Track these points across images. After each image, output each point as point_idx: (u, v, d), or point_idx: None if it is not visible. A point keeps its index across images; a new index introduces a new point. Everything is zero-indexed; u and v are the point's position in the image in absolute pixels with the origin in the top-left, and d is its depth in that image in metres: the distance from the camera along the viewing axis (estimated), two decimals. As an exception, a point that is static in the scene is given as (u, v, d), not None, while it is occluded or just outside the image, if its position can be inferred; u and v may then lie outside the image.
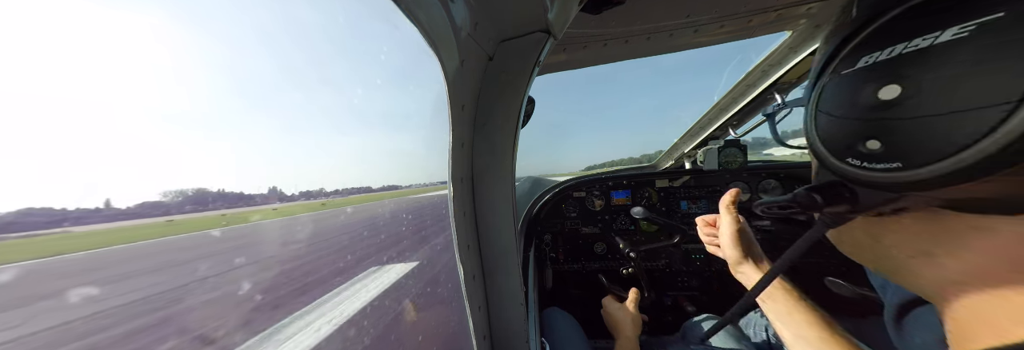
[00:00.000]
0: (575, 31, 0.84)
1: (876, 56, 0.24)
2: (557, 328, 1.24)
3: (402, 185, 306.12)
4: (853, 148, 0.25)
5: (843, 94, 0.26)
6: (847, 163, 0.26)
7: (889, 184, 0.24)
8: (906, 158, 0.22)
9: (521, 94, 0.71)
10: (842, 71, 0.26)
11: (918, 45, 0.22)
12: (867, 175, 0.25)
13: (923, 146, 0.22)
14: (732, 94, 1.55)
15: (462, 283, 0.75)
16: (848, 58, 0.26)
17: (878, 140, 0.24)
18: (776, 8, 0.87)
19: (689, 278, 1.91)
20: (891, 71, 0.23)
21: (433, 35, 0.52)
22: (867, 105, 0.24)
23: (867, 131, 0.24)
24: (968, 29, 0.20)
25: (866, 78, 0.24)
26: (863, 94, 0.24)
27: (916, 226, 0.27)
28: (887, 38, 0.24)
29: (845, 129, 0.26)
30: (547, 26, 0.64)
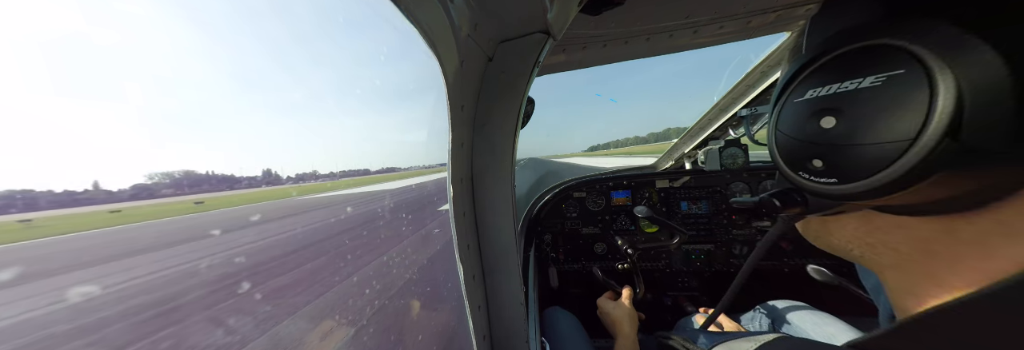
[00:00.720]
0: (575, 32, 0.85)
1: (818, 91, 0.30)
2: (558, 328, 1.24)
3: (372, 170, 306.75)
4: (803, 164, 0.31)
5: (794, 119, 0.32)
6: (799, 175, 0.32)
7: (829, 194, 0.30)
8: (840, 175, 0.28)
9: (520, 95, 0.71)
10: (794, 99, 0.32)
11: (847, 87, 0.27)
12: (813, 186, 0.31)
13: (851, 168, 0.27)
14: (732, 94, 1.55)
15: (462, 283, 0.75)
16: (799, 88, 0.32)
17: (820, 160, 0.30)
18: (775, 9, 0.88)
19: (689, 278, 1.91)
20: (829, 105, 0.29)
21: (432, 36, 0.53)
22: (812, 131, 0.30)
23: (812, 152, 0.30)
24: (880, 79, 0.25)
25: (811, 108, 0.30)
26: (809, 121, 0.30)
27: (855, 223, 0.34)
28: (826, 76, 0.29)
29: (797, 148, 0.32)
30: (547, 27, 0.64)
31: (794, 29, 1.06)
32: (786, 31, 1.08)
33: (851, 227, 0.35)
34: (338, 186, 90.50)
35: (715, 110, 1.67)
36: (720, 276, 1.84)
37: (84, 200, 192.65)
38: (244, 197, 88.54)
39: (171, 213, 51.35)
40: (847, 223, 0.35)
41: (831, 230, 0.37)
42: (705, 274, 1.87)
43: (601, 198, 1.91)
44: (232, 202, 69.53)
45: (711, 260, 1.80)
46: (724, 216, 1.79)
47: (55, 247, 27.92)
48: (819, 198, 0.34)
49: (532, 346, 0.85)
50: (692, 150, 1.95)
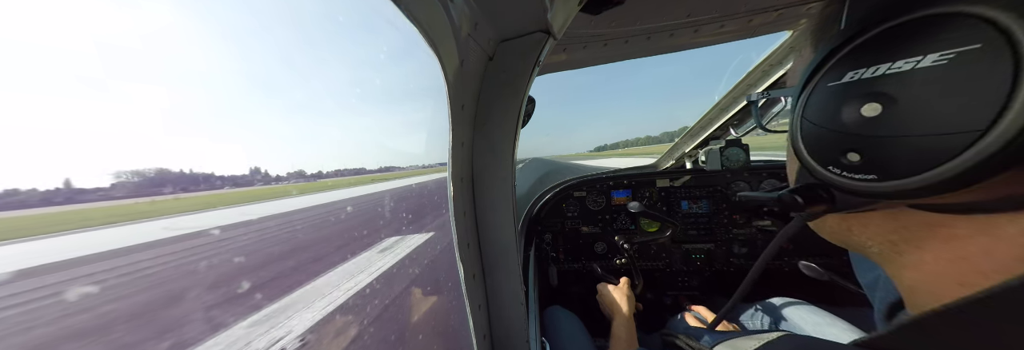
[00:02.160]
0: (575, 31, 0.85)
1: (861, 73, 0.25)
2: (559, 327, 1.24)
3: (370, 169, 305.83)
4: (834, 157, 0.28)
5: (828, 106, 0.28)
6: (829, 170, 0.28)
7: (866, 192, 0.27)
8: (881, 171, 0.25)
9: (521, 94, 0.71)
10: (828, 83, 0.28)
11: (900, 68, 0.23)
12: (846, 183, 0.27)
13: (896, 163, 0.24)
14: (733, 94, 1.55)
15: (462, 282, 0.75)
16: (834, 70, 0.28)
17: (858, 153, 0.26)
18: (776, 8, 0.87)
19: (689, 278, 1.91)
20: (874, 90, 0.25)
21: (433, 35, 0.53)
22: (850, 120, 0.26)
23: (848, 144, 0.26)
24: (947, 57, 0.21)
25: (850, 93, 0.26)
26: (847, 109, 0.26)
27: (881, 221, 0.31)
28: (872, 56, 0.25)
29: (828, 140, 0.28)
30: (547, 26, 0.64)
31: (796, 28, 1.05)
32: (788, 30, 1.08)
33: (875, 224, 0.32)
34: (339, 185, 77.44)
35: (716, 109, 1.67)
36: (720, 275, 1.84)
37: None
38: (223, 197, 79.88)
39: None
40: (871, 220, 0.32)
41: (851, 227, 0.34)
42: (705, 273, 1.87)
43: (601, 197, 1.91)
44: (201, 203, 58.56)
45: (711, 259, 1.80)
46: (724, 215, 1.79)
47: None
48: (850, 195, 0.30)
49: (532, 346, 0.85)
50: (693, 149, 1.95)
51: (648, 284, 1.95)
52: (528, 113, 0.78)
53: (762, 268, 0.60)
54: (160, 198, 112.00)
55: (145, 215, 43.03)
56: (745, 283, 0.66)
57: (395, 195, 27.96)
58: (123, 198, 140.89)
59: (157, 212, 47.63)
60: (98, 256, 14.11)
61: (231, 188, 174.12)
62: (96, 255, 14.39)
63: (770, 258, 0.57)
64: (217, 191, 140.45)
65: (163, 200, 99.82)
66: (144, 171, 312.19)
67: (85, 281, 10.03)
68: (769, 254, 0.56)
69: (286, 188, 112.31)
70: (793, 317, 1.13)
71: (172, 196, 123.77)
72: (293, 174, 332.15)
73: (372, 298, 4.25)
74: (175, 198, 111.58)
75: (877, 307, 0.46)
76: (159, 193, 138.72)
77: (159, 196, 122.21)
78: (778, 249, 0.53)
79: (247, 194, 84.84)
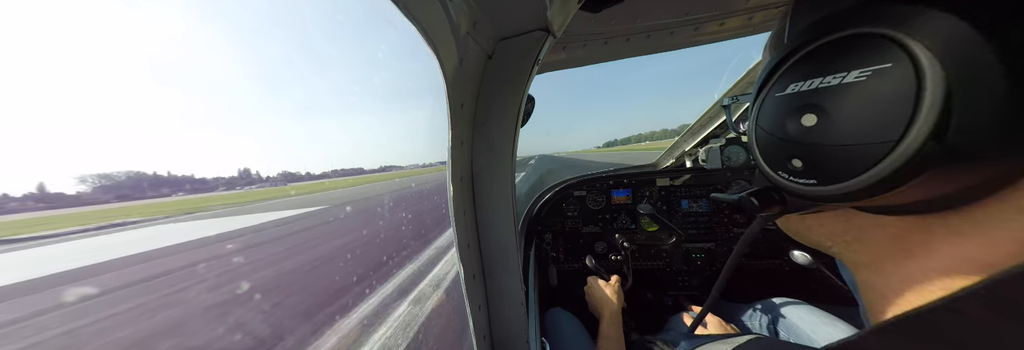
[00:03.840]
0: (575, 29, 0.84)
1: (800, 85, 0.28)
2: (561, 329, 1.24)
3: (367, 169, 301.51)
4: (782, 163, 0.30)
5: (775, 115, 0.30)
6: (779, 175, 0.31)
7: (808, 196, 0.29)
8: (820, 176, 0.27)
9: (521, 93, 0.70)
10: (775, 93, 0.30)
11: (830, 82, 0.25)
12: (792, 187, 0.30)
13: (831, 169, 0.26)
14: (733, 92, 1.54)
15: (462, 282, 0.75)
16: (780, 81, 0.30)
17: (800, 159, 0.28)
18: (777, 5, 0.87)
19: (689, 278, 1.91)
20: (810, 101, 0.27)
21: (432, 34, 0.52)
22: (792, 129, 0.28)
23: (792, 151, 0.29)
24: (866, 74, 0.24)
25: (792, 104, 0.28)
26: (790, 118, 0.28)
27: (833, 221, 0.34)
28: (809, 69, 0.27)
29: (776, 146, 0.30)
30: (546, 25, 0.64)
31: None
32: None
33: (829, 224, 0.35)
34: (338, 185, 76.16)
35: (716, 107, 1.66)
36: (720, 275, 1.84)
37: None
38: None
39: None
40: (826, 220, 0.35)
41: (810, 226, 0.37)
42: (706, 273, 1.87)
43: (601, 197, 1.91)
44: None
45: (712, 259, 1.79)
46: (725, 214, 1.78)
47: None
48: (797, 198, 0.32)
49: (532, 346, 0.84)
50: (693, 148, 1.94)
51: (648, 284, 1.95)
52: (528, 112, 0.78)
53: (733, 267, 0.63)
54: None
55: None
56: (719, 281, 0.69)
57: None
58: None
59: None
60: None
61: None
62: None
63: (739, 257, 0.60)
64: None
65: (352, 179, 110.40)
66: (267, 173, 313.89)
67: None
68: (736, 256, 0.58)
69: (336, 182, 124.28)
70: (791, 317, 1.13)
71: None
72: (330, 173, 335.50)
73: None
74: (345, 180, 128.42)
75: (861, 305, 0.47)
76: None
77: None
78: (744, 250, 0.56)
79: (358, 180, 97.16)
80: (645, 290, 1.95)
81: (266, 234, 14.54)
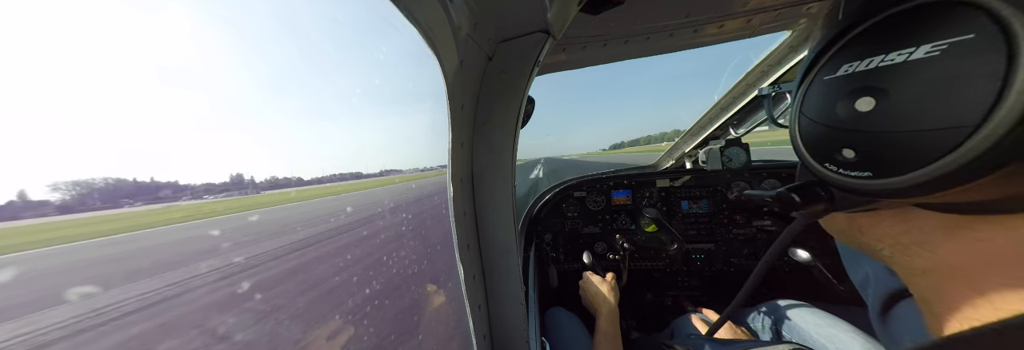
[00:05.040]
0: (575, 31, 0.84)
1: (855, 66, 0.25)
2: (561, 328, 1.24)
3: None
4: (830, 154, 0.27)
5: (824, 101, 0.27)
6: (825, 167, 0.27)
7: (862, 190, 0.26)
8: (876, 168, 0.24)
9: (521, 94, 0.71)
10: (824, 77, 0.27)
11: (893, 60, 0.22)
12: (842, 180, 0.26)
13: (891, 159, 0.23)
14: (733, 93, 1.54)
15: (462, 283, 0.75)
16: (831, 63, 0.27)
17: (853, 149, 0.25)
18: (776, 8, 0.87)
19: (689, 278, 1.91)
20: (868, 83, 0.24)
21: (432, 35, 0.53)
22: (844, 115, 0.25)
23: (843, 140, 0.25)
24: (940, 48, 0.20)
25: (845, 87, 0.25)
26: (842, 103, 0.25)
27: (890, 221, 0.29)
28: (867, 48, 0.24)
29: (824, 136, 0.27)
30: (546, 26, 0.64)
31: (796, 27, 1.05)
32: (787, 30, 1.08)
33: (885, 225, 0.30)
34: (336, 190, 69.67)
35: (716, 109, 1.67)
36: (721, 276, 1.83)
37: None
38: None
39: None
40: (881, 220, 0.30)
41: (861, 227, 0.32)
42: (705, 273, 1.87)
43: (601, 197, 1.91)
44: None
45: (711, 260, 1.80)
46: (725, 215, 1.78)
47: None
48: (848, 194, 0.28)
49: (532, 346, 0.85)
50: (693, 149, 1.95)
51: (648, 284, 1.95)
52: (528, 113, 0.78)
53: (766, 270, 0.58)
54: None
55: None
56: (747, 286, 0.64)
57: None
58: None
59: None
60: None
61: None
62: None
63: (774, 260, 0.55)
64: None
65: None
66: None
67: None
68: (773, 255, 0.54)
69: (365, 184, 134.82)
70: (795, 318, 1.13)
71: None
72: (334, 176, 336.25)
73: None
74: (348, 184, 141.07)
75: (871, 304, 0.45)
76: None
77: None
78: (783, 250, 0.51)
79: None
80: (645, 290, 1.96)
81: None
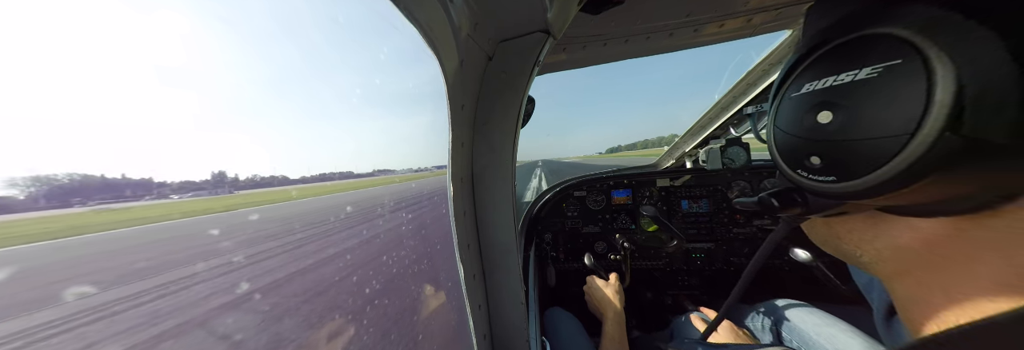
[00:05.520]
0: (575, 31, 0.84)
1: (815, 84, 0.29)
2: (560, 328, 1.24)
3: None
4: (801, 161, 0.30)
5: (792, 114, 0.31)
6: (798, 174, 0.31)
7: (829, 193, 0.29)
8: (838, 173, 0.27)
9: (521, 94, 0.71)
10: (792, 93, 0.31)
11: (843, 79, 0.26)
12: (812, 185, 0.30)
13: (848, 165, 0.26)
14: (733, 93, 1.54)
15: (462, 282, 0.75)
16: (796, 82, 0.31)
17: (818, 157, 0.28)
18: (776, 7, 0.87)
19: (689, 277, 1.91)
20: (825, 99, 0.27)
21: (432, 35, 0.53)
22: (809, 126, 0.29)
23: (810, 148, 0.29)
24: (877, 70, 0.24)
25: (808, 102, 0.29)
26: (806, 117, 0.29)
27: (861, 224, 0.33)
28: (822, 69, 0.28)
29: (794, 145, 0.31)
30: (546, 26, 0.64)
31: (796, 27, 1.05)
32: (788, 29, 1.08)
33: (858, 230, 0.33)
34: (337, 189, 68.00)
35: (716, 108, 1.66)
36: (721, 275, 1.84)
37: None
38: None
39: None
40: (854, 226, 0.33)
41: (838, 233, 0.35)
42: (705, 273, 1.87)
43: (601, 197, 1.91)
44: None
45: (711, 259, 1.80)
46: (725, 215, 1.78)
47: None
48: (819, 198, 0.32)
49: (532, 346, 0.85)
50: (693, 149, 1.94)
51: (648, 283, 1.95)
52: (528, 113, 0.78)
53: (754, 273, 0.59)
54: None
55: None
56: (736, 290, 0.64)
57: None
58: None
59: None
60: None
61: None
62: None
63: (762, 262, 0.57)
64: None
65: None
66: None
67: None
68: (759, 261, 0.56)
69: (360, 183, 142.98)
70: (793, 318, 1.13)
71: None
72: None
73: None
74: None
75: (876, 307, 0.46)
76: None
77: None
78: (769, 253, 0.53)
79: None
80: (645, 289, 1.96)
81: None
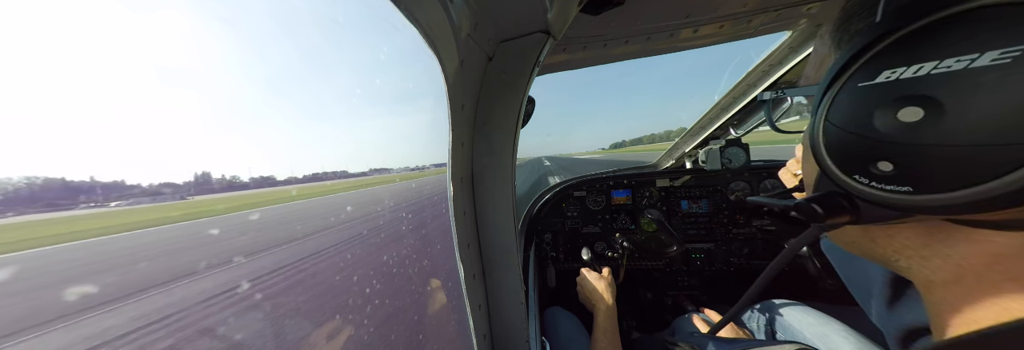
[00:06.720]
0: (575, 32, 0.85)
1: (900, 72, 0.22)
2: (560, 327, 1.24)
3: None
4: (862, 167, 0.25)
5: (858, 109, 0.25)
6: (855, 179, 0.26)
7: (897, 205, 0.24)
8: (918, 184, 0.22)
9: (521, 94, 0.71)
10: (859, 83, 0.25)
11: (950, 67, 0.20)
12: (876, 194, 0.25)
13: (938, 175, 0.21)
14: (733, 94, 1.54)
15: (462, 282, 0.76)
16: (867, 68, 0.24)
17: (891, 162, 0.23)
18: (776, 8, 0.87)
19: (689, 277, 1.91)
20: (915, 92, 0.21)
21: (433, 36, 0.53)
22: (883, 125, 0.23)
23: (880, 152, 0.23)
24: (1011, 55, 0.18)
25: (885, 95, 0.23)
26: (880, 113, 0.23)
27: (912, 233, 0.28)
28: (916, 53, 0.22)
29: (856, 146, 0.25)
30: (547, 27, 0.64)
31: (796, 28, 1.05)
32: (787, 30, 1.08)
33: (903, 236, 0.29)
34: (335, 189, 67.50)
35: (716, 109, 1.67)
36: (720, 275, 1.84)
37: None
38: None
39: None
40: (899, 231, 0.29)
41: (875, 238, 0.31)
42: (705, 273, 1.87)
43: (601, 197, 1.91)
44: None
45: (711, 259, 1.80)
46: (725, 215, 1.79)
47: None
48: (879, 208, 0.26)
49: (532, 345, 0.85)
50: (693, 149, 1.95)
51: (648, 284, 1.95)
52: (528, 113, 0.79)
53: (774, 274, 0.56)
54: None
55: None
56: (752, 289, 0.62)
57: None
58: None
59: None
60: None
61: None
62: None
63: (782, 267, 0.53)
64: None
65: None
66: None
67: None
68: (781, 263, 0.51)
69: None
70: (789, 317, 1.13)
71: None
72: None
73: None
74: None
75: (878, 284, 0.44)
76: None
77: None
78: (790, 260, 0.49)
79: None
80: (645, 290, 1.96)
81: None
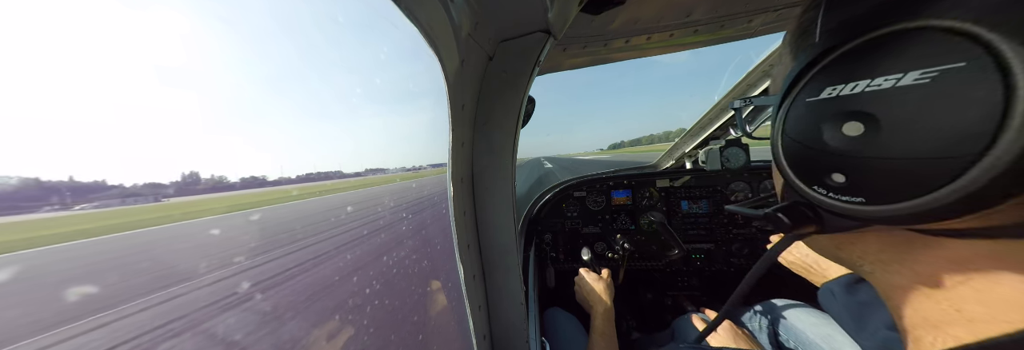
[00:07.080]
0: (575, 31, 0.84)
1: (839, 89, 0.24)
2: (560, 328, 1.24)
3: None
4: (818, 178, 0.26)
5: (808, 122, 0.26)
6: (814, 190, 0.27)
7: (853, 215, 0.25)
8: (869, 195, 0.23)
9: (521, 94, 0.71)
10: (806, 98, 0.26)
11: (880, 85, 0.21)
12: (833, 205, 0.26)
13: (885, 186, 0.22)
14: (733, 94, 1.55)
15: (462, 283, 0.75)
16: (812, 84, 0.26)
17: (842, 174, 0.24)
18: (776, 8, 0.87)
19: (689, 278, 1.91)
20: (854, 108, 0.23)
21: (433, 35, 0.53)
22: (831, 139, 0.24)
23: (832, 164, 0.25)
24: (929, 75, 0.20)
25: (830, 110, 0.24)
26: (827, 127, 0.24)
27: (874, 239, 0.29)
28: (850, 71, 0.23)
29: (811, 158, 0.26)
30: (547, 26, 0.64)
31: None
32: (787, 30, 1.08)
33: (864, 242, 0.30)
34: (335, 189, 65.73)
35: (716, 109, 1.67)
36: (720, 275, 1.84)
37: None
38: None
39: None
40: (861, 237, 0.30)
41: (840, 244, 0.32)
42: (705, 273, 1.87)
43: (601, 197, 1.91)
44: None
45: (711, 259, 1.80)
46: (725, 215, 1.79)
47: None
48: (838, 218, 0.28)
49: (532, 346, 0.85)
50: (693, 149, 1.95)
51: (648, 284, 1.95)
52: (528, 113, 0.78)
53: (753, 282, 0.56)
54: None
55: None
56: (736, 294, 0.63)
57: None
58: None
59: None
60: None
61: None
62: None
63: (760, 273, 0.54)
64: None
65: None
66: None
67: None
68: (757, 273, 0.53)
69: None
70: (791, 318, 1.13)
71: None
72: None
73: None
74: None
75: (848, 281, 0.45)
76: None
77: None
78: (769, 265, 0.50)
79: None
80: (645, 290, 1.96)
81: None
